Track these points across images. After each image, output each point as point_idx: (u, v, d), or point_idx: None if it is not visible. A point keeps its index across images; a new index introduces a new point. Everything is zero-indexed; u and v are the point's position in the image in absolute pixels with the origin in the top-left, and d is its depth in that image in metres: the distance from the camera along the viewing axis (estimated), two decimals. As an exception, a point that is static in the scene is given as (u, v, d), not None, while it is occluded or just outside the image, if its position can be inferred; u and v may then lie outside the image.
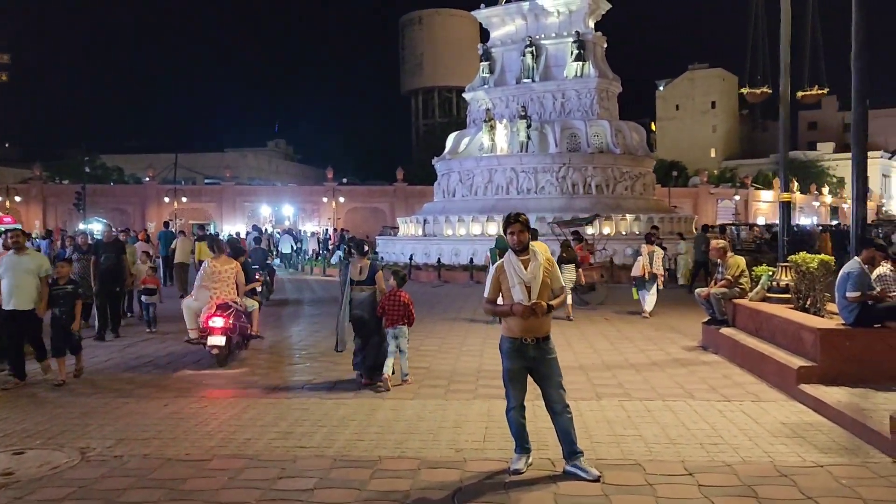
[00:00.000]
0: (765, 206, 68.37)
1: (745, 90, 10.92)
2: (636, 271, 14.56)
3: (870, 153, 72.06)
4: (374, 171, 74.75)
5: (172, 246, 21.08)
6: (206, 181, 61.45)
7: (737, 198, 62.52)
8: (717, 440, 6.19)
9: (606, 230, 26.92)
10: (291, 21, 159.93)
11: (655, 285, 14.48)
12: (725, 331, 9.97)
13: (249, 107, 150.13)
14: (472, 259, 24.95)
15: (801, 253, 9.27)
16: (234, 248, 11.94)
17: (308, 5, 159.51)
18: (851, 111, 8.38)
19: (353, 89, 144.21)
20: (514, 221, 5.45)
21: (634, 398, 7.68)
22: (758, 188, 68.70)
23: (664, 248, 22.01)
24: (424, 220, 29.77)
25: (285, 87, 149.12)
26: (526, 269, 5.34)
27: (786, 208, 10.12)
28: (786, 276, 9.53)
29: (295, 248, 33.22)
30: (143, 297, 12.97)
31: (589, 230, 24.02)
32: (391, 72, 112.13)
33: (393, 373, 8.32)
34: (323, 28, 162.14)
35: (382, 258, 30.18)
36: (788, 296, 9.35)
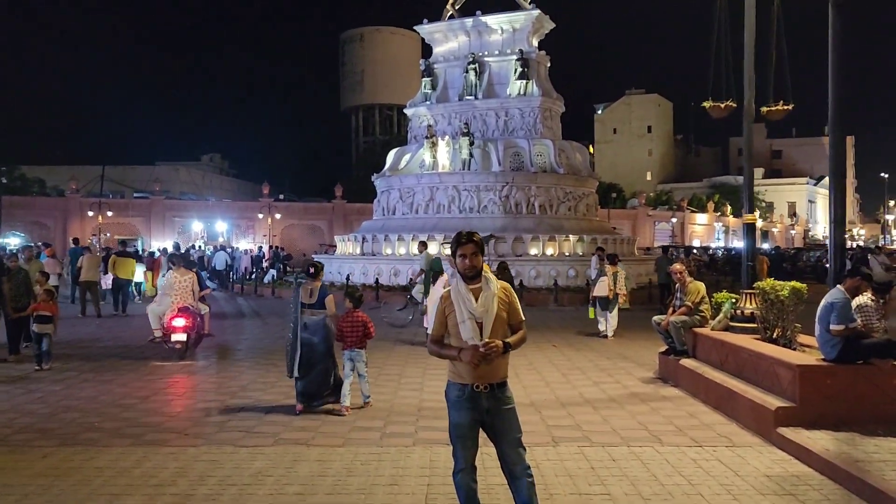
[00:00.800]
0: (700, 229, 69.63)
1: (708, 104, 10.19)
2: (600, 291, 14.30)
3: (796, 179, 74.49)
4: (313, 188, 73.28)
5: (79, 263, 19.64)
6: (136, 195, 58.79)
7: (674, 220, 63.40)
8: (696, 499, 5.32)
9: (550, 251, 26.32)
10: (231, 35, 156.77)
11: (617, 307, 14.36)
12: (686, 362, 9.23)
13: (184, 121, 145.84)
14: (411, 279, 23.89)
15: (768, 280, 8.60)
16: (187, 262, 14.29)
17: (249, 20, 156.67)
18: (829, 137, 7.78)
19: (293, 105, 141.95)
20: (467, 242, 4.38)
21: (596, 443, 6.78)
22: (693, 211, 69.96)
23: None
24: (363, 239, 28.63)
25: (222, 101, 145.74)
26: (476, 300, 4.29)
27: (750, 230, 9.46)
28: (751, 303, 8.84)
29: (228, 264, 31.54)
30: (34, 327, 10.88)
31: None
32: (331, 89, 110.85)
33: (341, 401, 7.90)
34: (263, 44, 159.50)
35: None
36: (754, 325, 8.65)
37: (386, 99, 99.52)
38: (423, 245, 18.36)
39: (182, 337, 11.35)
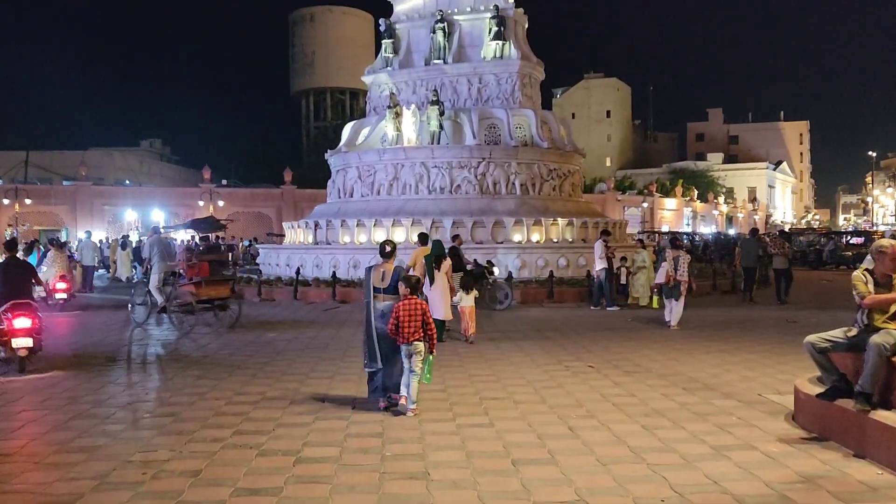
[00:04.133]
0: (669, 214, 67.00)
1: None
2: (660, 278, 13.66)
3: (756, 164, 72.47)
4: (262, 175, 68.08)
5: None
6: (66, 183, 53.09)
7: (645, 205, 60.52)
8: None
9: (535, 237, 22.58)
10: (176, 16, 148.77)
11: (682, 295, 13.32)
12: (885, 417, 5.44)
13: (123, 105, 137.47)
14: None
15: None
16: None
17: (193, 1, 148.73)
18: None
19: (240, 89, 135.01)
20: None
21: None
22: (662, 196, 67.30)
23: (622, 259, 18.05)
24: (315, 225, 24.44)
25: (165, 84, 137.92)
26: None
27: None
28: None
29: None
30: None
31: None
32: (280, 71, 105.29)
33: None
34: (210, 25, 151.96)
35: (260, 271, 24.60)
36: None
37: (338, 82, 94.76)
38: (424, 237, 14.01)
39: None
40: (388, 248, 7.54)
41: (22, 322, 9.18)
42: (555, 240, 22.84)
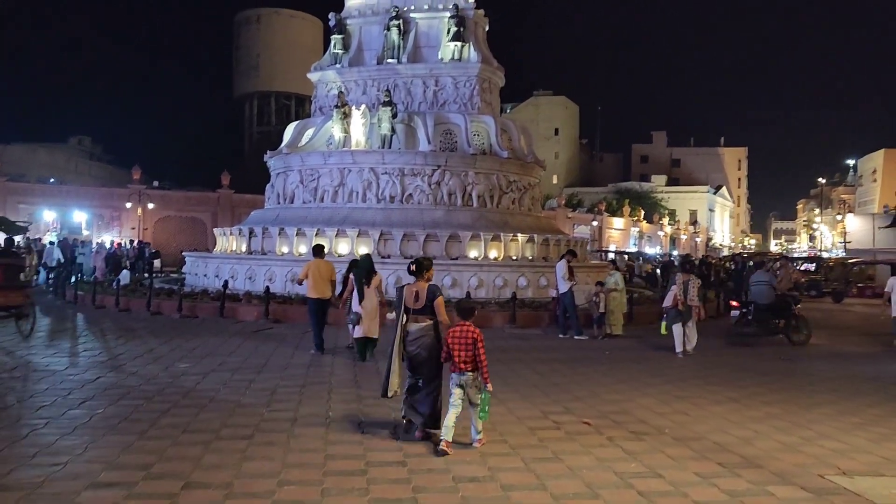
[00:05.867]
0: (616, 234, 66.36)
1: None
2: (668, 302, 12.95)
3: (697, 187, 72.70)
4: (201, 180, 64.56)
5: None
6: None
7: (595, 223, 59.57)
8: None
9: (493, 253, 20.69)
10: (115, 13, 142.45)
11: (693, 319, 12.75)
12: None
13: (51, 100, 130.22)
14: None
15: None
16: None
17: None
18: None
19: (181, 89, 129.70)
20: None
21: None
22: (609, 216, 66.61)
23: (599, 284, 16.27)
24: (250, 232, 21.99)
25: (96, 79, 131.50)
26: None
27: None
28: None
29: (61, 262, 24.06)
30: None
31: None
32: (223, 73, 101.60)
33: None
34: (151, 23, 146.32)
35: (183, 282, 22.04)
36: None
37: (283, 87, 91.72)
38: (320, 249, 13.59)
39: None
40: (413, 267, 7.04)
41: None
42: (514, 257, 21.00)
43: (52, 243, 26.09)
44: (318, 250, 13.19)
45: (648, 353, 13.12)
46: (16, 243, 21.75)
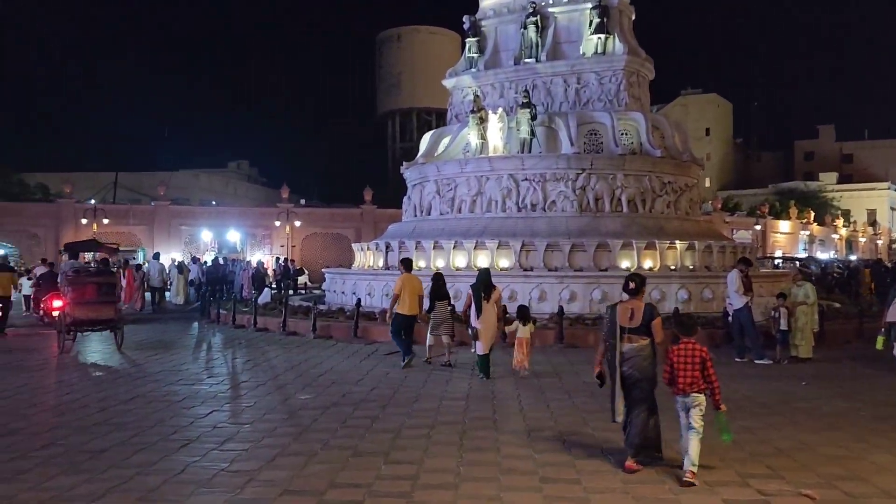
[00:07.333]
0: (782, 238, 60.69)
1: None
2: (892, 317, 11.03)
3: (875, 184, 64.65)
4: (345, 197, 66.25)
5: None
6: (153, 203, 52.51)
7: (757, 227, 54.67)
8: None
9: (648, 263, 18.50)
10: (262, 40, 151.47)
11: None
12: None
13: (210, 127, 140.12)
14: (453, 305, 16.28)
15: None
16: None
17: (279, 24, 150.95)
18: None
19: (327, 111, 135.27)
20: None
21: None
22: (773, 219, 61.06)
23: (780, 296, 13.80)
24: (387, 247, 21.18)
25: (252, 107, 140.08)
26: None
27: None
28: None
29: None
30: None
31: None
32: (366, 93, 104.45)
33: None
34: (296, 48, 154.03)
35: (324, 299, 21.56)
36: None
37: (424, 103, 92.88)
38: (408, 263, 13.47)
39: None
40: (633, 284, 6.76)
41: None
42: (672, 267, 18.71)
43: (155, 258, 26.69)
44: (407, 264, 12.99)
45: (859, 383, 10.62)
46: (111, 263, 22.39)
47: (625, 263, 18.43)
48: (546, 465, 6.51)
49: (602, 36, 22.33)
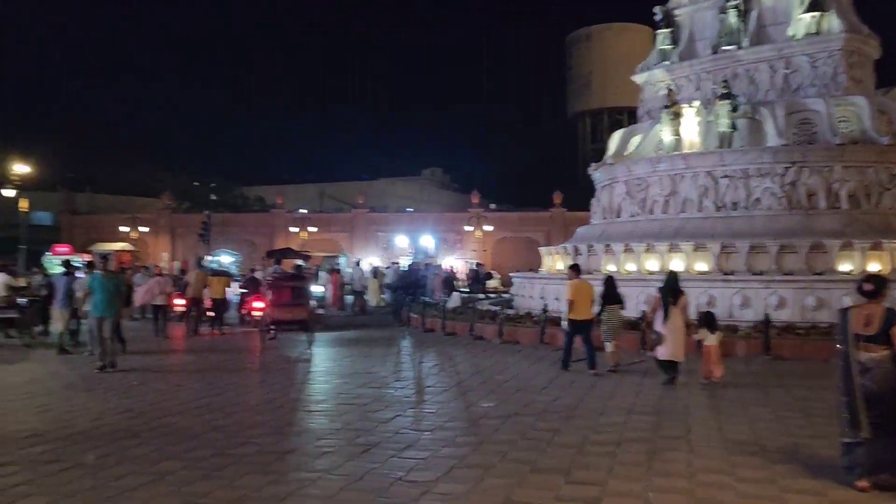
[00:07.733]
0: None
1: None
2: None
3: None
4: (535, 200, 66.22)
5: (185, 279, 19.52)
6: (352, 212, 56.06)
7: None
8: None
9: (874, 266, 16.28)
10: (457, 48, 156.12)
11: None
12: None
13: (406, 136, 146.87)
14: (643, 311, 15.39)
15: None
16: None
17: (471, 31, 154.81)
18: None
19: (517, 114, 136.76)
20: None
21: None
22: None
23: None
24: (575, 250, 20.60)
25: (444, 113, 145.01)
26: None
27: None
28: None
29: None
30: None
31: None
32: (556, 94, 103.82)
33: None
34: (489, 53, 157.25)
35: (512, 303, 21.41)
36: None
37: (615, 101, 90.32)
38: (577, 268, 13.36)
39: None
40: (870, 286, 6.07)
41: None
42: (904, 270, 16.33)
43: (357, 264, 28.07)
44: (577, 269, 12.94)
45: None
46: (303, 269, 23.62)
47: (845, 266, 16.39)
48: (749, 498, 5.75)
49: (816, 14, 20.14)
